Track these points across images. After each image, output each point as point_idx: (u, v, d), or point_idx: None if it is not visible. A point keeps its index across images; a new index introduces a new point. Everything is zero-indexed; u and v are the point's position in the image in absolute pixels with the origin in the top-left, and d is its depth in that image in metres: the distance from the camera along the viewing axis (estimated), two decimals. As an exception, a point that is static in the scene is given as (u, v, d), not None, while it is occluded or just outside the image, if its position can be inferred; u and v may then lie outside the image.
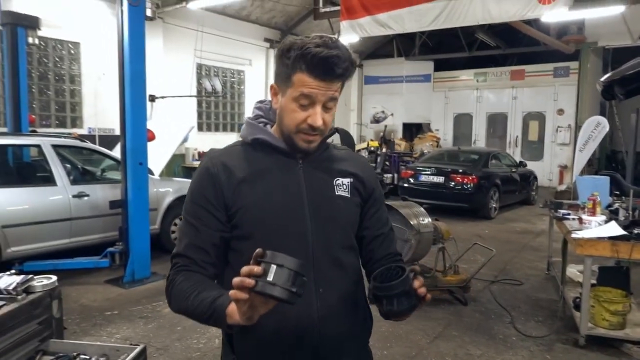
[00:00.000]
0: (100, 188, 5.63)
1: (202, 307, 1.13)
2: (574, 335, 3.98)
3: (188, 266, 1.26)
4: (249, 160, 1.31)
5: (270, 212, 1.26)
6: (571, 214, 4.71)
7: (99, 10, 9.47)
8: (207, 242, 1.27)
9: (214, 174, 1.28)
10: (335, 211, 1.32)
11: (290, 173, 1.31)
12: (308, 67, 1.19)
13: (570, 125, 14.44)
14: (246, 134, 1.36)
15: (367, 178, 1.41)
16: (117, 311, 4.44)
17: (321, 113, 1.23)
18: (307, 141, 1.27)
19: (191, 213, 1.29)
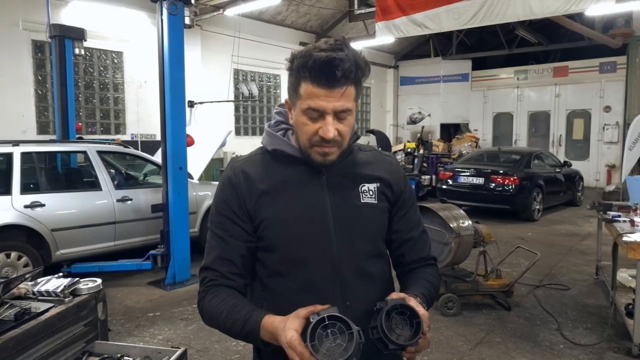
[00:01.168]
0: (142, 192, 5.79)
1: (235, 329, 1.16)
2: (626, 344, 3.78)
3: (216, 280, 1.24)
4: (270, 171, 1.27)
5: (292, 225, 1.23)
6: (622, 216, 4.48)
7: (140, 20, 9.78)
8: (233, 253, 1.25)
9: (236, 184, 1.26)
10: (362, 220, 1.28)
11: (313, 184, 1.26)
12: (311, 74, 1.14)
13: (618, 122, 13.81)
14: (266, 143, 1.32)
15: (394, 180, 1.35)
16: (159, 313, 4.55)
17: (334, 123, 1.16)
18: (323, 154, 1.20)
19: (217, 224, 1.27)
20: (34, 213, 4.88)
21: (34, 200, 4.93)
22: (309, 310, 1.04)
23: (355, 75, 1.16)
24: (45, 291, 1.97)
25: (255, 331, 1.11)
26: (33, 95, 8.64)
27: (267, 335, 1.09)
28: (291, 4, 12.21)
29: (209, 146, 7.58)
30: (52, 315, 1.84)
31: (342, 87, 1.14)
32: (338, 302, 1.20)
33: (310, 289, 1.23)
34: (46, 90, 8.83)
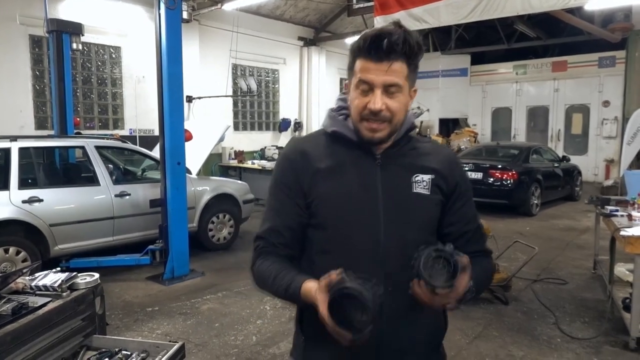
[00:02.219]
0: (140, 187, 5.79)
1: (280, 292, 1.26)
2: (623, 338, 3.80)
3: (266, 248, 1.34)
4: (327, 152, 1.32)
5: (343, 207, 1.28)
6: (619, 211, 4.49)
7: (138, 15, 9.73)
8: (284, 226, 1.33)
9: (292, 160, 1.32)
10: (411, 210, 1.30)
11: (367, 169, 1.30)
12: (362, 50, 1.21)
13: (617, 117, 13.80)
14: (326, 125, 1.37)
15: (450, 172, 1.35)
16: (157, 307, 4.56)
17: (382, 97, 1.20)
18: (371, 129, 1.24)
19: (273, 196, 1.36)
20: (32, 208, 4.88)
21: (32, 195, 4.92)
22: (327, 282, 1.09)
23: (403, 50, 1.19)
24: (43, 286, 1.97)
25: (296, 295, 1.21)
26: (31, 91, 8.61)
27: (306, 300, 1.19)
28: (290, -1, 12.18)
29: (208, 141, 7.57)
30: (49, 309, 1.84)
31: (390, 61, 1.19)
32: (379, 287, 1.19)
33: (355, 269, 1.23)
34: (44, 86, 8.80)
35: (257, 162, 10.63)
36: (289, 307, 4.54)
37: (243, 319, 4.29)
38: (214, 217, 6.51)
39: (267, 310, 4.50)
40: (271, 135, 13.38)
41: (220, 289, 5.06)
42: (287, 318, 4.31)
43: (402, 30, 1.19)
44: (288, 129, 13.61)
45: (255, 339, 3.91)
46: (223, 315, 4.38)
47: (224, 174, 10.91)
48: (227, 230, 6.68)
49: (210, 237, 6.50)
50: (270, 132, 13.39)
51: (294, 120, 13.78)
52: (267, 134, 13.29)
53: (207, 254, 6.35)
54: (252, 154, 12.00)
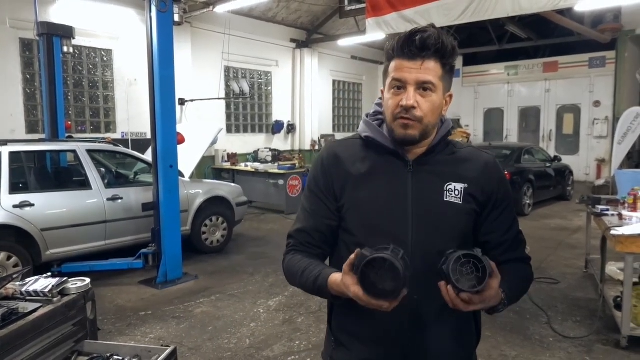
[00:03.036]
0: (133, 191, 5.77)
1: (308, 285, 1.29)
2: (614, 336, 3.83)
3: (296, 246, 1.38)
4: (360, 158, 1.33)
5: (372, 214, 1.28)
6: (610, 210, 4.53)
7: (129, 18, 9.69)
8: (314, 228, 1.36)
9: (326, 165, 1.36)
10: (442, 219, 1.28)
11: (398, 176, 1.29)
12: (396, 50, 1.23)
13: (608, 117, 13.91)
14: (361, 130, 1.38)
15: (487, 181, 1.32)
16: (150, 311, 4.53)
17: (415, 95, 1.21)
18: (404, 126, 1.23)
19: (307, 199, 1.40)
20: (23, 213, 4.84)
21: (23, 200, 4.89)
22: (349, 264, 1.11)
23: (435, 46, 1.19)
24: (34, 291, 1.96)
25: (324, 287, 1.22)
26: (21, 94, 8.54)
27: (335, 291, 1.19)
28: (282, 1, 12.17)
29: (200, 144, 7.55)
30: (40, 315, 1.83)
31: (422, 58, 1.20)
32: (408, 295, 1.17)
33: None
34: (35, 89, 8.74)
35: (250, 165, 10.62)
36: (282, 310, 4.54)
37: (236, 322, 4.28)
38: (207, 220, 6.49)
39: (261, 313, 4.49)
40: (264, 137, 13.36)
41: (214, 293, 5.05)
42: (281, 321, 4.31)
43: (436, 30, 1.20)
44: (281, 131, 13.60)
45: (249, 342, 3.90)
46: (216, 318, 4.36)
47: (217, 176, 10.88)
48: (220, 233, 6.67)
49: (204, 240, 6.49)
50: (263, 135, 13.37)
51: (287, 122, 13.77)
52: (260, 136, 13.27)
53: (201, 257, 6.33)
54: (245, 156, 11.98)
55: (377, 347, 1.30)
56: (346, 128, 16.11)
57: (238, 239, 7.33)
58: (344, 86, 16.10)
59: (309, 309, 4.55)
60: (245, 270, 5.83)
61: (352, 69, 15.95)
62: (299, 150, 13.70)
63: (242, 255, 6.57)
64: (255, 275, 5.63)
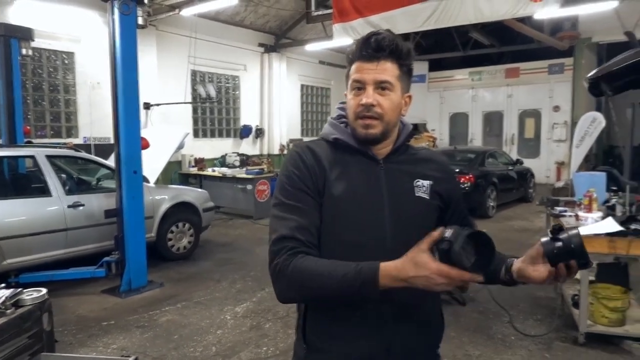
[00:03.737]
0: (95, 197, 5.62)
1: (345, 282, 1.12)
2: (573, 333, 3.97)
3: (299, 248, 1.22)
4: (334, 158, 1.34)
5: (351, 209, 1.29)
6: (568, 211, 4.69)
7: (91, 20, 9.46)
8: (311, 224, 1.27)
9: (309, 162, 1.31)
10: (415, 212, 1.34)
11: (371, 174, 1.33)
12: (355, 54, 1.29)
13: (567, 121, 14.45)
14: (327, 132, 1.39)
15: (447, 179, 1.42)
16: (113, 321, 4.42)
17: (374, 94, 1.26)
18: (364, 125, 1.28)
19: (291, 196, 1.28)
20: (-23, 221, 4.64)
21: (-23, 208, 4.68)
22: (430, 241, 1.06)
23: (390, 49, 1.25)
24: (-15, 303, 1.88)
25: (375, 278, 1.10)
26: (-24, 98, 8.20)
27: (390, 279, 1.09)
28: (249, 5, 12.12)
29: (166, 149, 7.43)
30: (-9, 328, 1.76)
31: (379, 59, 1.26)
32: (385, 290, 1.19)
33: None
34: (-9, 93, 8.40)
35: (218, 170, 10.50)
36: (249, 316, 4.51)
37: (203, 330, 4.22)
38: (173, 226, 6.38)
39: (228, 320, 4.44)
40: (232, 142, 13.25)
41: (180, 300, 4.96)
42: (248, 327, 4.28)
43: (391, 33, 1.28)
44: (249, 135, 13.53)
45: (215, 349, 3.85)
46: (182, 326, 4.29)
47: (183, 182, 10.72)
48: (187, 240, 6.57)
49: (170, 246, 6.37)
50: (231, 139, 13.26)
51: (255, 126, 13.71)
52: (228, 141, 13.16)
53: (167, 264, 6.22)
54: (212, 161, 11.85)
55: (361, 343, 1.30)
56: (314, 132, 16.15)
57: (205, 245, 7.23)
58: (312, 91, 16.16)
59: (276, 315, 4.53)
60: (212, 277, 5.76)
61: (320, 74, 16.02)
62: (268, 155, 13.64)
63: (209, 261, 6.49)
64: (222, 282, 5.56)
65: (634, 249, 3.65)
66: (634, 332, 3.82)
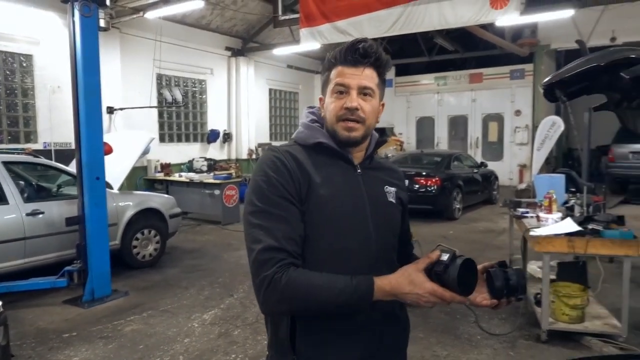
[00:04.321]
0: (56, 205, 5.43)
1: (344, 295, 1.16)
2: (536, 331, 4.08)
3: (287, 259, 1.19)
4: (315, 163, 1.32)
5: (337, 215, 1.29)
6: (529, 212, 4.83)
7: (51, 22, 9.17)
8: (297, 234, 1.24)
9: (290, 168, 1.27)
10: (390, 217, 1.41)
11: (352, 178, 1.36)
12: (339, 59, 1.31)
13: (528, 125, 14.92)
14: (305, 136, 1.37)
15: (402, 188, 1.50)
16: (75, 332, 4.27)
17: (358, 98, 1.29)
18: (347, 128, 1.30)
19: (276, 205, 1.23)
20: None
21: None
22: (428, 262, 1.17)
23: (376, 57, 1.30)
24: None
25: (370, 293, 1.17)
26: None
27: (383, 293, 1.17)
28: (216, 8, 12.02)
29: (130, 154, 7.25)
30: (-60, 344, 1.67)
31: (364, 66, 1.29)
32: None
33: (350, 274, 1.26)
34: (-58, 96, 8.03)
35: (185, 175, 10.33)
36: (218, 323, 4.44)
37: (169, 339, 4.13)
38: (139, 233, 6.23)
39: (195, 328, 4.36)
40: (199, 146, 13.08)
41: (145, 309, 4.84)
42: (216, 334, 4.21)
43: (375, 44, 1.32)
44: (217, 140, 13.38)
45: (183, 358, 3.77)
46: (148, 336, 4.18)
47: (149, 187, 10.49)
48: (152, 247, 6.42)
49: (135, 254, 6.22)
50: (198, 144, 13.08)
51: (223, 131, 13.58)
52: (195, 146, 12.98)
53: (132, 272, 6.06)
54: (179, 166, 11.65)
55: (354, 348, 1.31)
56: (283, 137, 16.12)
57: (172, 251, 7.10)
58: (281, 95, 16.14)
59: (245, 321, 4.48)
60: (179, 284, 5.64)
61: (288, 78, 16.02)
62: (236, 160, 13.53)
63: (176, 268, 6.36)
64: (189, 289, 5.46)
65: (591, 248, 3.79)
66: (593, 328, 3.96)
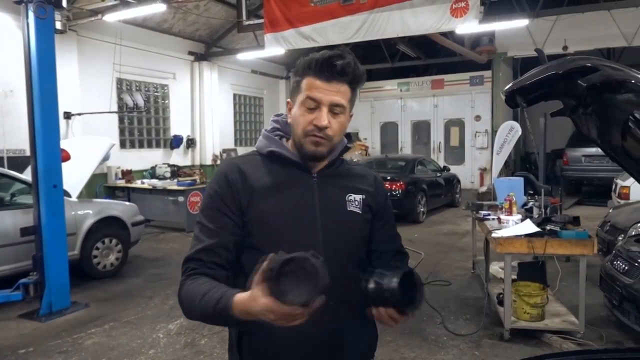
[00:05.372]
0: (9, 214, 5.20)
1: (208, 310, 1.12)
2: (499, 330, 4.19)
3: (197, 269, 1.24)
4: (264, 172, 1.32)
5: (282, 225, 1.28)
6: (491, 215, 4.97)
7: (3, 23, 8.80)
8: (220, 245, 1.26)
9: (232, 180, 1.29)
10: (346, 226, 1.35)
11: (304, 187, 1.33)
12: (314, 69, 1.26)
13: (487, 130, 15.37)
14: (262, 145, 1.38)
15: (378, 194, 1.45)
16: (32, 348, 4.08)
17: (328, 116, 1.26)
18: (315, 143, 1.28)
19: (208, 217, 1.29)
20: None
21: None
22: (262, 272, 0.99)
23: (352, 74, 1.27)
24: None
25: (228, 308, 1.07)
26: None
27: (241, 312, 1.05)
28: (178, 12, 11.82)
29: (90, 161, 7.00)
30: None
31: (340, 83, 1.26)
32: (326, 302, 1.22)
33: None
34: None
35: (147, 182, 10.09)
36: (184, 333, 4.35)
37: (133, 351, 4.00)
38: (99, 242, 6.03)
39: (161, 339, 4.25)
40: (162, 152, 12.80)
41: (107, 320, 4.68)
42: (182, 345, 4.12)
43: (352, 58, 1.28)
44: (180, 145, 13.13)
45: (147, 370, 3.67)
46: (110, 348, 4.04)
47: (110, 195, 10.18)
48: (114, 256, 6.22)
49: (95, 264, 6.01)
50: (161, 150, 12.80)
51: (187, 136, 13.34)
52: (158, 152, 12.69)
53: (92, 282, 5.85)
54: (141, 172, 11.36)
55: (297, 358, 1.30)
56: (248, 142, 15.99)
57: (135, 260, 6.90)
58: (245, 100, 16.01)
59: (212, 330, 4.39)
60: (142, 294, 5.49)
61: (253, 83, 15.93)
62: (200, 165, 13.31)
63: (139, 278, 6.19)
64: (153, 299, 5.32)
65: (549, 248, 3.93)
66: (553, 326, 4.10)
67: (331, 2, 8.20)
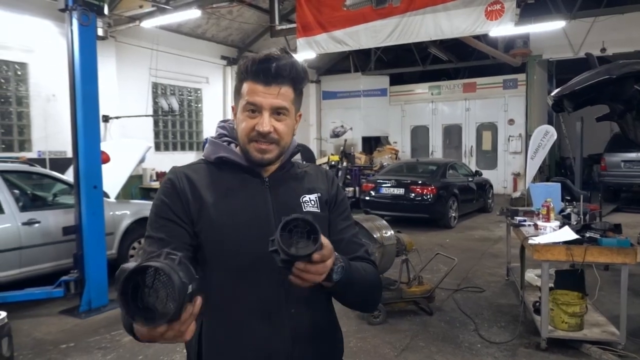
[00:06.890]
0: (52, 214, 5.39)
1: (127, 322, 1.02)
2: (535, 339, 4.09)
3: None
4: (213, 180, 1.27)
5: (234, 235, 1.22)
6: (527, 221, 4.86)
7: (46, 30, 9.17)
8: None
9: (179, 188, 1.24)
10: None
11: (256, 193, 1.28)
12: (250, 73, 1.21)
13: (521, 134, 15.04)
14: (209, 152, 1.32)
15: (330, 187, 1.40)
16: (73, 343, 4.22)
17: (271, 120, 1.22)
18: (260, 150, 1.24)
19: (158, 228, 1.23)
20: None
21: None
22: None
23: (290, 74, 1.22)
24: (-62, 329, 1.77)
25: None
26: None
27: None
28: (211, 18, 12.07)
29: (127, 163, 7.22)
30: (-54, 356, 1.65)
31: (279, 85, 1.21)
32: (283, 310, 1.23)
33: (257, 295, 1.23)
34: (-64, 104, 7.98)
35: (181, 183, 10.28)
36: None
37: (169, 349, 4.09)
38: (136, 242, 6.20)
39: (195, 338, 4.32)
40: (194, 155, 13.05)
41: (143, 319, 4.79)
42: (216, 344, 4.17)
43: (289, 56, 1.23)
44: (212, 148, 13.35)
45: (183, 368, 3.74)
46: (147, 346, 4.14)
47: (144, 196, 10.45)
48: (149, 256, 6.38)
49: (132, 263, 6.17)
50: (193, 152, 13.06)
51: (219, 139, 13.56)
52: (191, 154, 12.95)
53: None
54: (175, 175, 11.59)
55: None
56: (278, 145, 16.12)
57: (168, 261, 7.05)
58: (276, 104, 16.14)
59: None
60: (176, 294, 5.60)
61: (283, 87, 16.04)
62: (231, 168, 13.48)
63: (173, 277, 6.31)
64: (187, 298, 5.42)
65: (589, 256, 3.82)
66: (592, 336, 3.97)
67: (364, 6, 8.21)
